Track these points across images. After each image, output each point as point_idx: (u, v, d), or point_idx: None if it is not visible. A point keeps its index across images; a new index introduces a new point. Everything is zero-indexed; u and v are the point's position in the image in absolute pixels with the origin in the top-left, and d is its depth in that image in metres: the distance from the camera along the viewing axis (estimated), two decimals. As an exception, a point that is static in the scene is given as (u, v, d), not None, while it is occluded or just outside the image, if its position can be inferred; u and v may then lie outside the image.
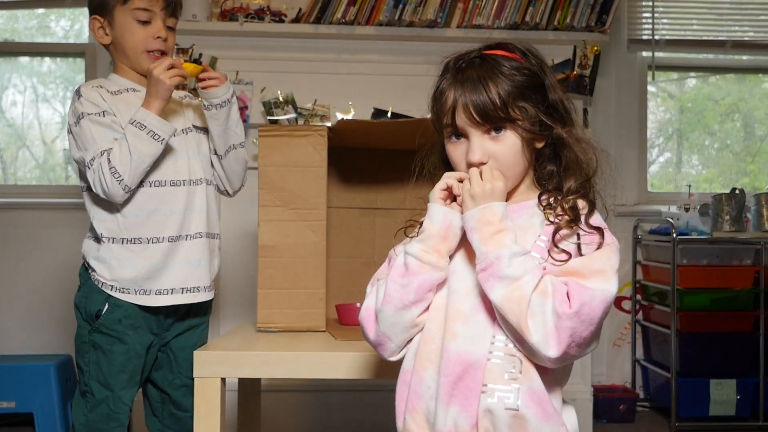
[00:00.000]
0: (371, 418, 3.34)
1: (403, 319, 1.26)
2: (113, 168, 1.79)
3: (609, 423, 3.65)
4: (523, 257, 1.17)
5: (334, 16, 3.38)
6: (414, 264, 1.24)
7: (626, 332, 4.03)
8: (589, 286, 1.15)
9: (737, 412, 3.58)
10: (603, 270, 1.17)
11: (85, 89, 1.91)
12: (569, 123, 1.30)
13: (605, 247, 1.20)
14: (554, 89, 1.29)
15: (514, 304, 1.15)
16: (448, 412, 1.20)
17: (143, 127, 1.81)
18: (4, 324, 3.70)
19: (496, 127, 1.24)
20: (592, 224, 1.22)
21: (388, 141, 2.25)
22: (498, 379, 1.18)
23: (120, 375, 1.90)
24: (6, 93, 4.02)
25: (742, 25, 4.23)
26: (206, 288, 1.99)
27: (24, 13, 3.97)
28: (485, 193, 1.20)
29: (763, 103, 4.46)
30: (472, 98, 1.23)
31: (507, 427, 1.17)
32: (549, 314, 1.14)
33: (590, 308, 1.14)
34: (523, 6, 3.47)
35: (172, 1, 1.96)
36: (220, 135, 1.99)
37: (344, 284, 2.27)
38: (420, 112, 3.25)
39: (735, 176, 4.40)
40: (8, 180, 4.01)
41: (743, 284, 3.61)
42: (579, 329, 1.14)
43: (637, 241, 3.98)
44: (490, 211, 1.19)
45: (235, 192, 2.13)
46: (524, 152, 1.26)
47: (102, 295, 1.90)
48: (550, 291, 1.15)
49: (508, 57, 1.28)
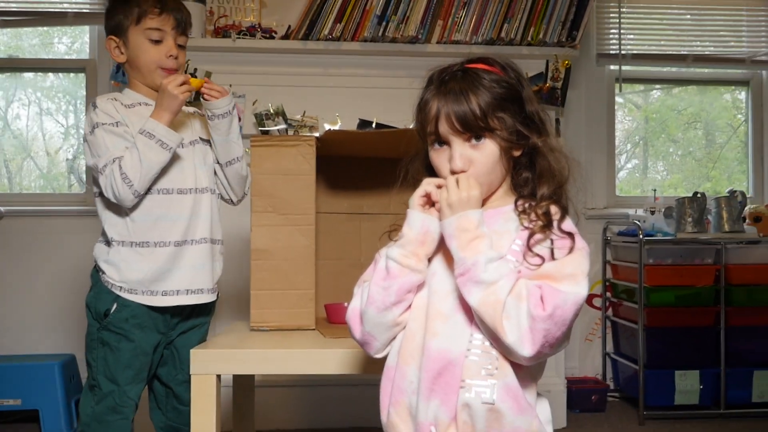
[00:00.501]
0: (359, 411, 3.34)
1: (385, 320, 1.26)
2: (124, 174, 1.81)
3: (582, 413, 3.66)
4: (498, 262, 1.17)
5: (322, 32, 3.38)
6: (394, 267, 1.25)
7: (597, 328, 4.04)
8: (561, 289, 1.15)
9: (700, 400, 3.60)
10: (574, 274, 1.17)
11: (101, 101, 1.93)
12: (544, 133, 1.30)
13: (576, 251, 1.20)
14: (531, 101, 1.30)
15: (490, 307, 1.15)
16: (429, 406, 1.20)
17: (152, 136, 1.83)
18: (10, 325, 3.67)
19: (476, 136, 1.25)
20: (564, 229, 1.22)
21: (373, 150, 2.25)
22: (475, 375, 1.18)
23: (126, 371, 1.90)
24: (11, 107, 3.99)
25: (703, 41, 4.26)
26: (209, 290, 2.01)
27: (28, 30, 3.94)
28: (462, 201, 1.20)
29: (723, 113, 4.50)
30: (454, 108, 1.24)
31: (484, 420, 1.17)
32: (524, 316, 1.14)
33: (563, 311, 1.14)
34: (499, 23, 3.48)
35: (182, 21, 1.97)
36: (222, 144, 2.01)
37: (332, 285, 2.26)
38: (403, 123, 3.25)
39: (697, 181, 4.43)
40: (14, 189, 3.98)
41: (705, 281, 3.63)
42: (552, 330, 1.14)
43: (606, 242, 3.99)
44: (467, 219, 1.19)
45: (239, 200, 2.15)
46: (502, 160, 1.27)
47: (111, 296, 1.91)
48: (525, 294, 1.15)
49: (488, 70, 1.28)
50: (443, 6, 3.47)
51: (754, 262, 3.66)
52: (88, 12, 3.77)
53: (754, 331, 3.64)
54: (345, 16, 3.39)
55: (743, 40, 4.27)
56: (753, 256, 3.68)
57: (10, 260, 3.68)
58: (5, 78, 3.97)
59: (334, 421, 3.40)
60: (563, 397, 3.50)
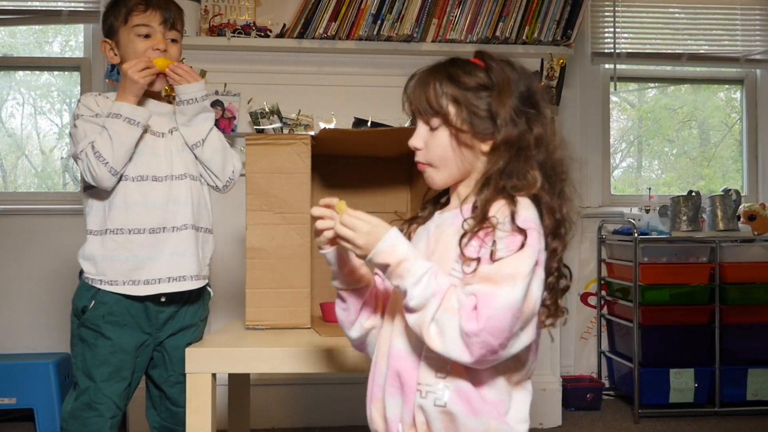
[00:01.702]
0: (354, 410, 3.32)
1: (360, 331, 1.33)
2: (98, 153, 1.83)
3: (577, 411, 3.67)
4: (425, 281, 1.13)
5: (317, 31, 3.38)
6: (342, 293, 1.32)
7: (592, 326, 4.05)
8: (497, 294, 1.09)
9: (695, 398, 3.60)
10: (513, 275, 1.11)
11: (84, 96, 1.98)
12: (532, 129, 1.23)
13: (521, 250, 1.13)
14: (525, 99, 1.24)
15: (419, 328, 1.14)
16: (395, 404, 1.22)
17: (119, 116, 1.85)
18: (5, 324, 3.66)
19: (432, 120, 1.25)
20: (519, 225, 1.15)
21: (368, 148, 2.25)
22: (429, 378, 1.18)
23: (102, 367, 1.89)
24: (6, 105, 3.97)
25: (697, 40, 4.26)
26: (193, 276, 1.95)
27: (22, 29, 3.92)
28: (365, 238, 1.17)
29: (718, 111, 4.51)
30: (416, 89, 1.26)
31: (439, 422, 1.17)
32: (455, 330, 1.11)
33: (497, 320, 1.09)
34: (494, 22, 3.48)
35: (169, 16, 1.96)
36: (184, 127, 1.98)
37: (328, 284, 2.21)
38: (398, 122, 3.25)
39: (692, 180, 4.43)
40: (8, 187, 3.96)
41: (700, 280, 3.64)
42: (489, 341, 1.09)
43: (601, 240, 4.00)
44: (380, 255, 1.16)
45: (225, 187, 2.06)
46: (459, 150, 1.25)
47: (90, 292, 1.90)
48: (456, 308, 1.11)
49: (466, 62, 1.27)
50: (438, 5, 3.46)
51: (748, 261, 3.67)
52: (82, 10, 3.76)
53: (748, 329, 3.65)
54: (340, 15, 3.38)
55: (737, 39, 4.28)
56: (747, 254, 3.69)
57: (4, 258, 3.67)
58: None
59: (330, 420, 3.40)
60: (559, 395, 3.50)
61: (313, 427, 3.38)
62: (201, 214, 2.01)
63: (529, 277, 1.12)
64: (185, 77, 1.93)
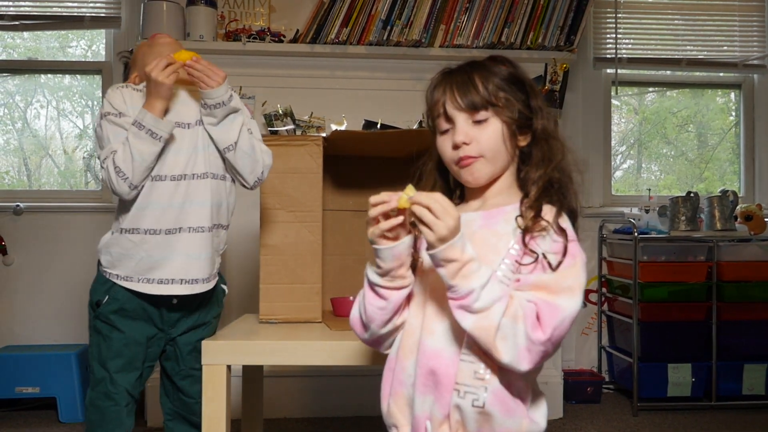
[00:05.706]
0: (364, 401, 3.34)
1: (388, 329, 1.25)
2: (118, 168, 1.79)
3: (578, 404, 3.66)
4: (490, 285, 1.10)
5: (329, 36, 3.38)
6: (383, 292, 1.21)
7: (593, 322, 4.04)
8: (559, 305, 1.10)
9: (692, 392, 3.59)
10: (572, 287, 1.12)
11: (111, 89, 1.92)
12: (549, 127, 1.27)
13: (575, 263, 1.14)
14: (536, 97, 1.28)
15: (483, 331, 1.10)
16: (425, 401, 1.19)
17: (142, 127, 1.79)
18: (29, 316, 3.69)
19: (479, 112, 1.22)
20: (561, 225, 1.17)
21: (378, 149, 2.25)
22: (467, 378, 1.16)
23: (116, 359, 1.89)
24: (30, 107, 3.99)
25: (697, 45, 4.24)
26: (205, 280, 1.92)
27: (46, 34, 3.94)
28: (448, 228, 1.10)
29: (716, 115, 4.49)
30: (458, 86, 1.23)
31: (474, 422, 1.16)
32: (521, 337, 1.09)
33: (561, 330, 1.11)
34: (500, 28, 3.48)
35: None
36: (213, 132, 1.89)
37: (338, 279, 2.26)
38: (407, 124, 3.25)
39: (690, 181, 4.42)
40: (33, 186, 3.99)
41: (697, 278, 3.62)
42: (550, 350, 1.12)
43: (602, 239, 3.99)
44: (451, 250, 1.09)
45: (254, 185, 1.96)
46: (506, 143, 1.24)
47: (105, 286, 1.90)
48: (521, 315, 1.10)
49: (495, 61, 1.28)
50: (446, 11, 3.46)
51: (744, 260, 3.66)
52: (104, 16, 3.78)
53: (744, 325, 3.63)
54: (351, 21, 3.39)
55: (735, 45, 4.25)
56: (744, 253, 3.67)
57: (29, 254, 3.70)
58: (25, 79, 3.98)
59: (340, 411, 3.40)
60: (560, 388, 3.50)
61: (323, 418, 3.39)
62: (220, 214, 1.95)
63: (583, 289, 1.14)
64: (206, 76, 1.82)
